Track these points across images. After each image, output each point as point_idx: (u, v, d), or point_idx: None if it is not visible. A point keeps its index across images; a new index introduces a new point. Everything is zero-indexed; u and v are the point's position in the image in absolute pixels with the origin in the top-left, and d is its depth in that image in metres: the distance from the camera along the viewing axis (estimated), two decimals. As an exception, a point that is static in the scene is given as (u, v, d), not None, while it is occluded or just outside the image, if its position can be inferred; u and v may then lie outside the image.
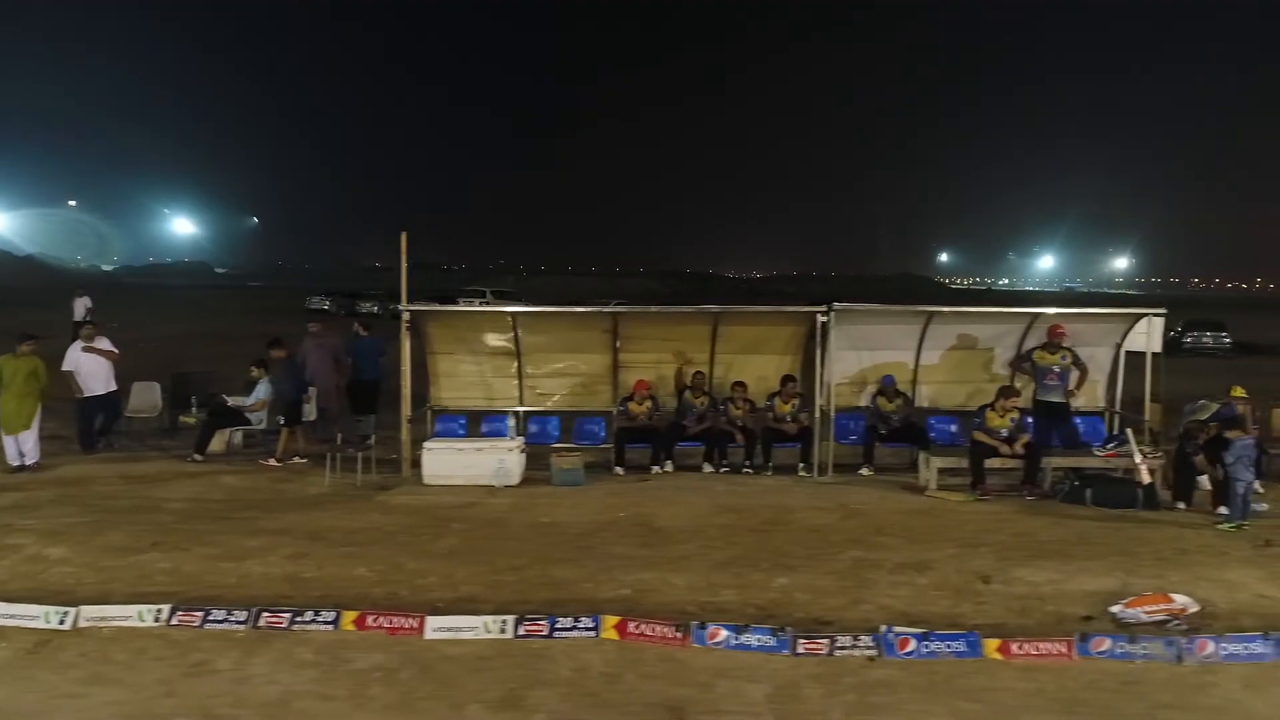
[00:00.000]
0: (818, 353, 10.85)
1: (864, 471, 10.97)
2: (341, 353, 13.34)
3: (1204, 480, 10.60)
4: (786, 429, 11.05)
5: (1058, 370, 10.69)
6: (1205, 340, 35.90)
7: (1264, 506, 9.72)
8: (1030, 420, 10.85)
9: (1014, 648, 6.11)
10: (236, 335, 12.11)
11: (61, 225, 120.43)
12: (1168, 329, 34.66)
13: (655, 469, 11.08)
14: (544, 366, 11.95)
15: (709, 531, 8.69)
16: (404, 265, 11.07)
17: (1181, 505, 9.50)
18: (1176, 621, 6.54)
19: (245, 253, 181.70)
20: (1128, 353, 11.94)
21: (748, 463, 11.06)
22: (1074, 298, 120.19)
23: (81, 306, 24.17)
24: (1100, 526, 8.86)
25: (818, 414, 10.93)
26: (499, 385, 12.01)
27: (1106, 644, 6.11)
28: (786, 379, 11.17)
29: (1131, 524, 8.94)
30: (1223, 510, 9.07)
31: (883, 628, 6.23)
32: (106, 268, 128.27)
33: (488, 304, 46.56)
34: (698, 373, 11.35)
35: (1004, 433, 10.11)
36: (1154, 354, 11.73)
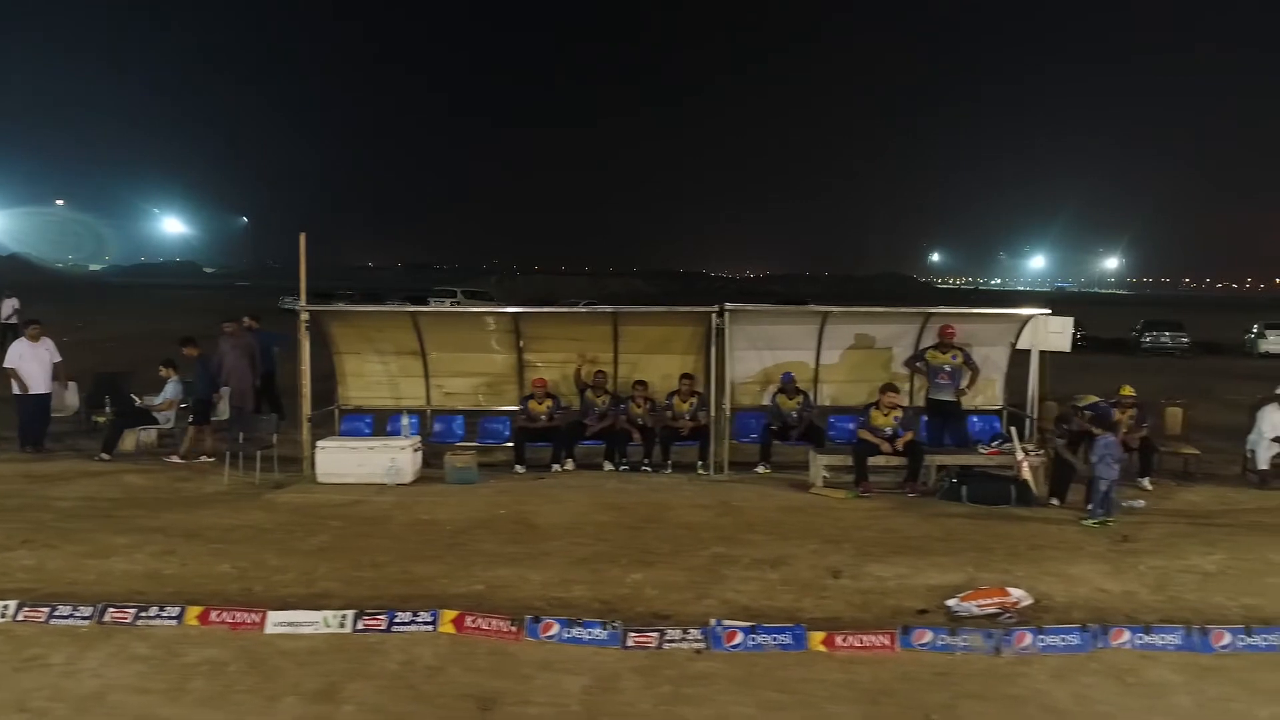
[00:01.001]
0: (711, 351, 10.94)
1: (760, 469, 11.09)
2: (258, 352, 13.38)
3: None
4: (681, 428, 11.17)
5: (948, 369, 10.84)
6: (1164, 340, 36.37)
7: (1141, 504, 9.91)
8: (925, 418, 11.03)
9: (838, 640, 6.22)
10: (201, 335, 12.25)
11: (50, 224, 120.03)
12: (1135, 328, 34.78)
13: (555, 467, 11.17)
14: (450, 366, 12.03)
15: (584, 528, 8.79)
16: (303, 265, 11.15)
17: (1055, 502, 9.65)
18: (1008, 614, 6.69)
19: (235, 252, 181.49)
20: (1051, 353, 12.24)
21: (646, 461, 11.17)
22: (1063, 297, 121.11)
23: (9, 307, 24.12)
24: (968, 523, 9.00)
25: (713, 412, 11.05)
26: (406, 385, 12.09)
27: (928, 636, 6.25)
28: (684, 378, 11.29)
29: (999, 520, 9.09)
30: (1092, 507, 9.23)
31: (712, 621, 6.35)
32: (94, 267, 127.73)
33: (458, 304, 46.60)
34: (598, 372, 11.46)
35: (888, 431, 10.25)
36: (1043, 353, 12.07)
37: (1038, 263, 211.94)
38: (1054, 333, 12.93)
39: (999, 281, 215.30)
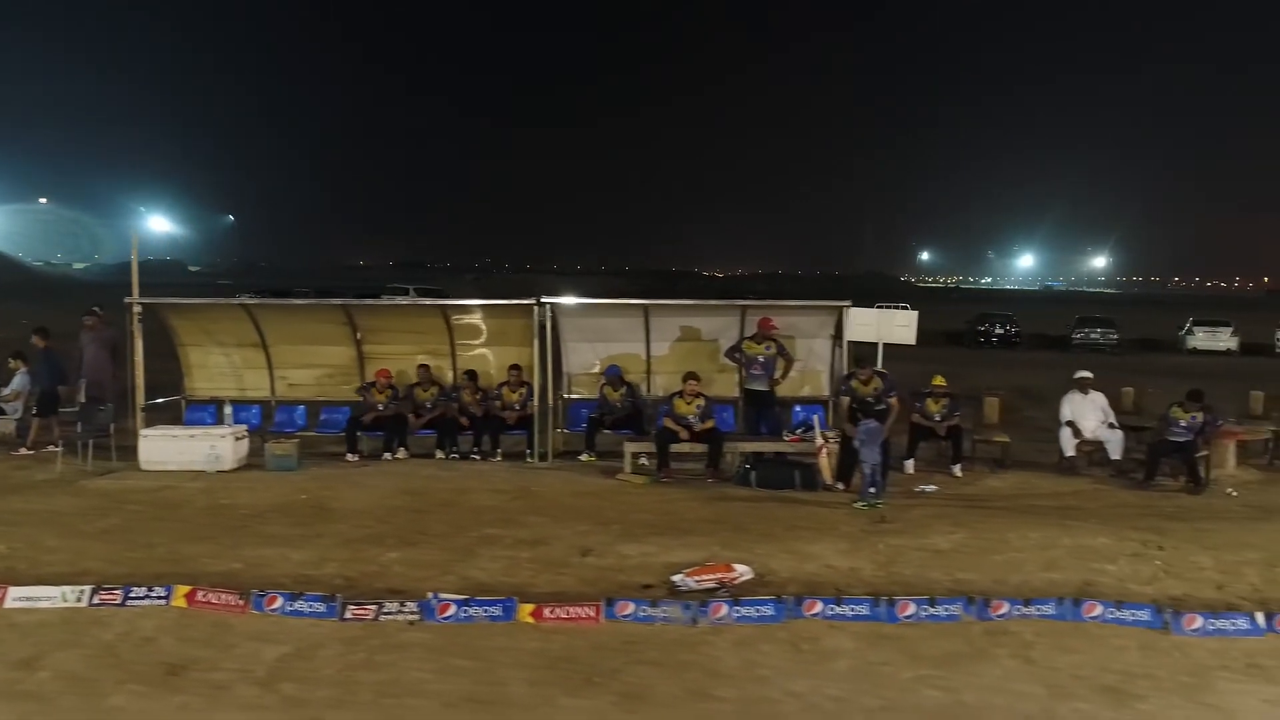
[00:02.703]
0: (535, 344, 11.24)
1: (583, 457, 11.41)
2: (120, 344, 13.57)
3: (909, 465, 11.26)
4: (508, 417, 11.49)
5: (762, 360, 11.19)
6: (1094, 336, 37.30)
7: (932, 488, 10.31)
8: (747, 407, 11.42)
9: (546, 612, 6.56)
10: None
11: (35, 222, 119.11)
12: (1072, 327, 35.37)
13: (387, 456, 11.46)
14: (293, 358, 12.30)
15: (374, 512, 9.08)
16: (135, 261, 11.39)
17: (840, 486, 10.02)
18: (724, 589, 7.04)
19: (222, 251, 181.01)
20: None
21: (476, 449, 11.49)
22: (1050, 296, 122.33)
23: None
24: (744, 506, 9.35)
25: (537, 403, 11.38)
26: (250, 376, 12.36)
27: (630, 608, 6.59)
28: (511, 369, 11.59)
29: (777, 504, 9.43)
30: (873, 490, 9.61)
31: (429, 595, 6.68)
32: (78, 266, 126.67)
33: (412, 299, 46.69)
34: (422, 366, 11.76)
35: (691, 419, 10.60)
36: (884, 344, 12.55)
37: (1026, 262, 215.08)
38: (900, 326, 13.42)
39: (989, 280, 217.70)
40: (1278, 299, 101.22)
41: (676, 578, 7.17)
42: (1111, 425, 11.48)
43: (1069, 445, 11.42)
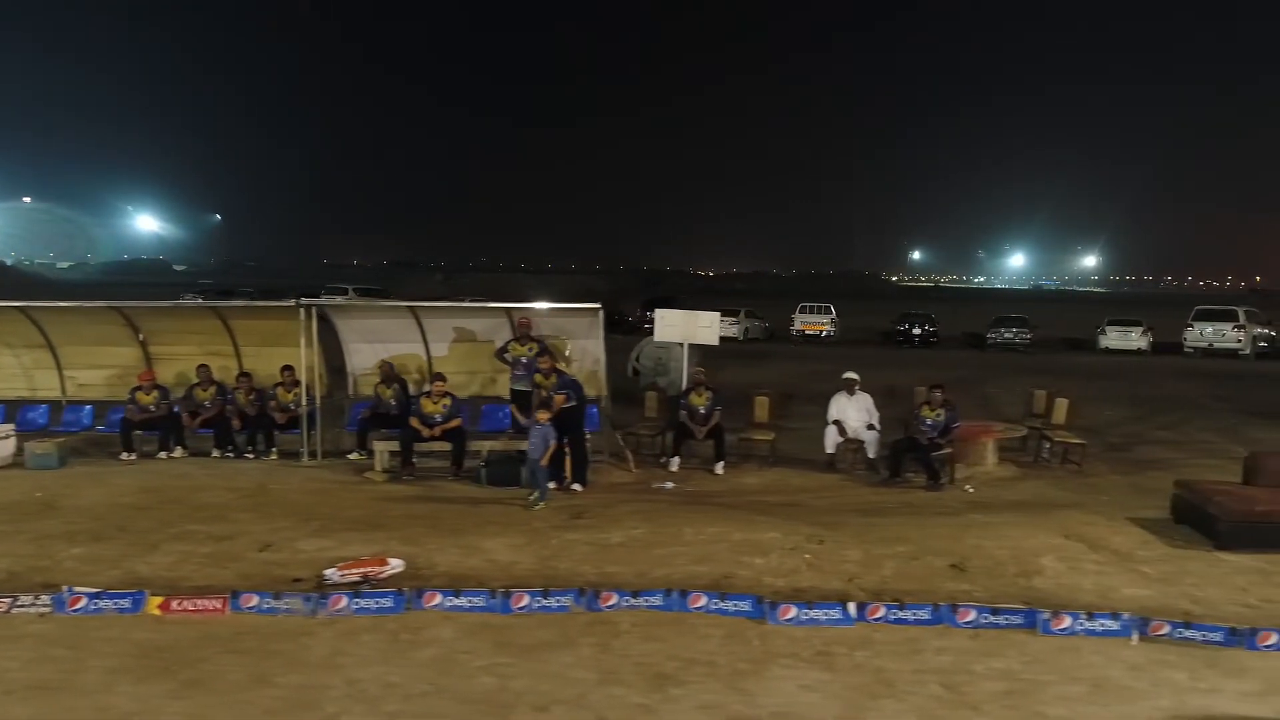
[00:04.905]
0: (302, 344, 11.48)
1: (353, 456, 11.67)
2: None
3: (674, 462, 11.62)
4: (278, 418, 11.74)
5: (525, 360, 11.48)
6: (1008, 335, 37.90)
7: (670, 485, 10.68)
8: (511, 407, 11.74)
9: (174, 604, 6.84)
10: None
11: (19, 220, 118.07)
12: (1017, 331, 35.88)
13: (163, 455, 11.69)
14: (83, 359, 12.51)
15: (96, 509, 9.33)
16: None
17: (578, 486, 10.33)
18: (368, 582, 7.34)
19: (209, 250, 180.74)
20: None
21: (250, 448, 11.74)
22: (1039, 295, 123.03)
23: None
24: (454, 504, 9.67)
25: (307, 401, 11.65)
26: (40, 376, 12.56)
27: (254, 600, 6.87)
28: (284, 369, 11.83)
29: (490, 501, 9.74)
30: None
31: (64, 588, 6.94)
32: (63, 265, 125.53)
33: (350, 299, 46.73)
34: (201, 366, 11.99)
35: (437, 417, 10.89)
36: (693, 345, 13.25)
37: (1017, 261, 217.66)
38: (703, 327, 13.82)
39: (982, 280, 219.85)
40: (1259, 298, 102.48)
41: (328, 571, 7.45)
42: (871, 426, 11.88)
43: (831, 443, 11.82)
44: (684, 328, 13.83)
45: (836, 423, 11.85)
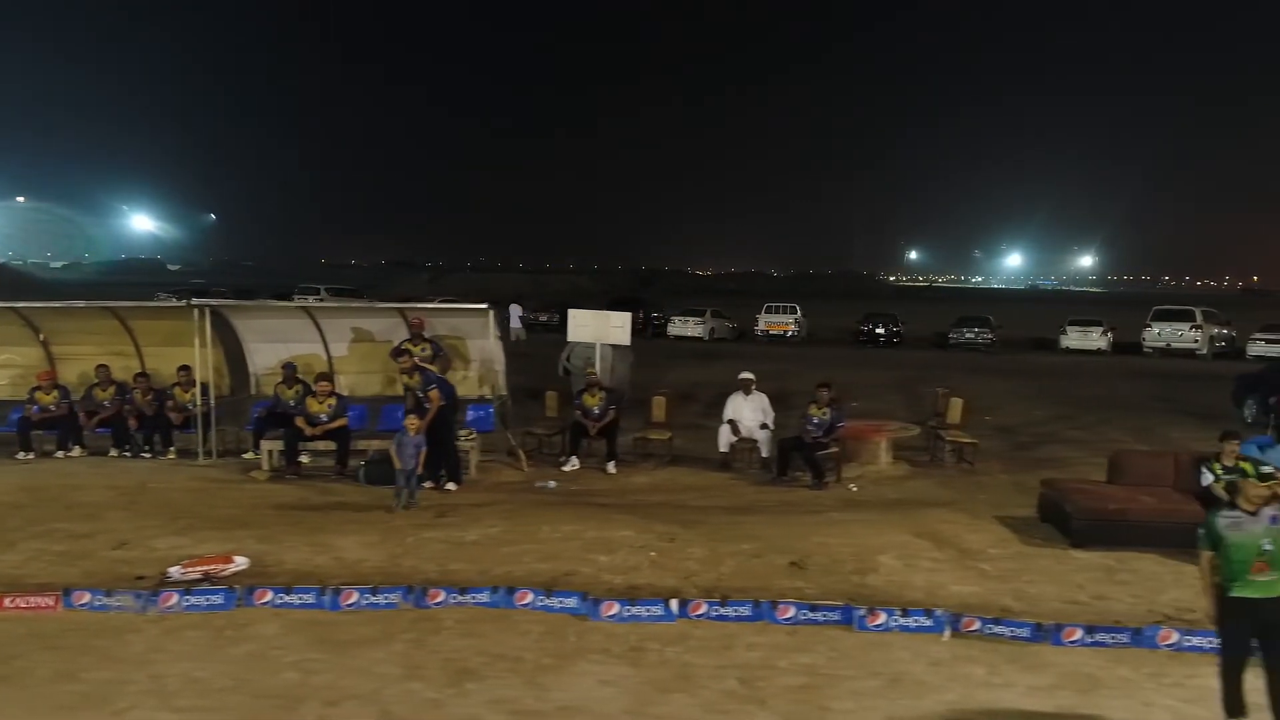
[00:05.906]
0: (196, 344, 11.57)
1: (248, 455, 11.75)
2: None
3: (573, 461, 11.76)
4: (174, 418, 11.85)
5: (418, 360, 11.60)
6: (969, 335, 38.01)
7: (553, 484, 10.81)
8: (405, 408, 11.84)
9: (6, 601, 6.95)
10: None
11: (15, 220, 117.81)
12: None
13: (60, 454, 11.78)
14: (-18, 358, 12.60)
15: (-29, 507, 9.44)
16: None
17: (452, 486, 10.44)
18: (208, 579, 7.44)
19: (207, 250, 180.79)
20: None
21: (147, 447, 11.84)
22: (1033, 295, 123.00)
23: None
24: (318, 506, 9.76)
25: (202, 401, 11.75)
26: (-56, 376, 12.62)
27: (86, 597, 6.99)
28: (180, 369, 11.91)
29: (353, 503, 9.85)
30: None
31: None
32: (56, 265, 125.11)
33: (321, 300, 46.81)
34: (100, 366, 12.08)
35: (322, 417, 10.99)
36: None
37: (1014, 261, 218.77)
38: (615, 327, 13.98)
39: (979, 279, 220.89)
40: (1252, 298, 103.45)
41: (172, 569, 7.55)
42: (764, 426, 12.03)
43: (724, 442, 11.96)
44: (595, 328, 13.99)
45: (731, 422, 11.99)
